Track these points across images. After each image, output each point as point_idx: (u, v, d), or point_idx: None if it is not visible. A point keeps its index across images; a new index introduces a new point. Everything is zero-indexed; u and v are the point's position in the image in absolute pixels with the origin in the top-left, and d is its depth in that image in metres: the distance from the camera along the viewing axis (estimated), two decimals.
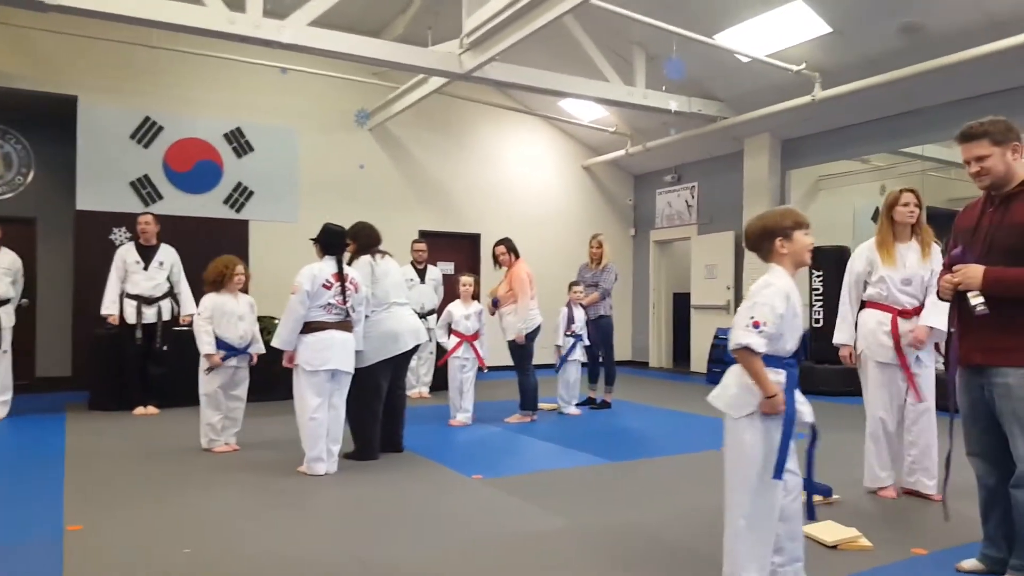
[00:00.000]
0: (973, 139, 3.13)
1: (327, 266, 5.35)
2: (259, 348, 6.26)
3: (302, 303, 5.18)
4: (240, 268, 6.20)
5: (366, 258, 5.80)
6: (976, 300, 3.01)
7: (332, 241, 5.49)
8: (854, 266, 4.74)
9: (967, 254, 3.13)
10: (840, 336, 4.74)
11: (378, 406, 5.72)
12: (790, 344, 2.98)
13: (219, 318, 6.01)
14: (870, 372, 4.65)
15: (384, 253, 5.96)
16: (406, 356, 5.93)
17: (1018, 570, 3.09)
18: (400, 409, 6.01)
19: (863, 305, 4.71)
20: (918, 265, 4.52)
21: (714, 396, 3.06)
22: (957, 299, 3.15)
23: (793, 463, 2.97)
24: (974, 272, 3.03)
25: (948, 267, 3.24)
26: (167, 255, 8.14)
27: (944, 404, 4.53)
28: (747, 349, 2.86)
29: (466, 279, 7.65)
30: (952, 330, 3.25)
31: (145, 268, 7.98)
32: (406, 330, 5.80)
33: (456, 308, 7.52)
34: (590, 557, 3.58)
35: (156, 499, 4.58)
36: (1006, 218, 3.08)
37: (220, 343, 5.99)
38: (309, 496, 4.71)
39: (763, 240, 3.06)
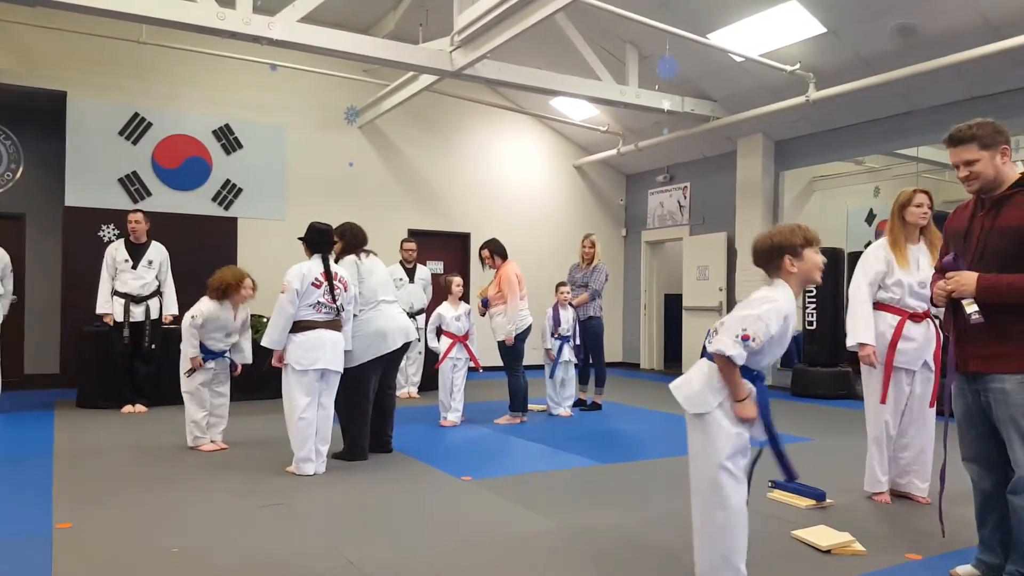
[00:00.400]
0: (961, 143, 3.08)
1: (315, 265, 5.31)
2: (243, 358, 6.18)
3: (291, 302, 5.14)
4: (249, 282, 6.02)
5: (351, 257, 5.77)
6: (971, 308, 2.98)
7: (319, 239, 5.46)
8: (873, 265, 4.51)
9: (959, 261, 3.09)
10: (863, 335, 4.44)
11: (368, 406, 5.68)
12: (765, 362, 2.96)
13: (209, 330, 5.93)
14: (877, 376, 4.52)
15: (369, 252, 5.92)
16: (397, 355, 5.89)
17: None
18: (389, 409, 5.97)
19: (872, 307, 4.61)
20: (930, 267, 4.37)
21: (676, 387, 3.04)
22: (952, 306, 3.11)
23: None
24: (967, 279, 3.00)
25: (940, 271, 3.20)
26: (156, 253, 8.09)
27: (940, 410, 4.51)
28: (729, 359, 2.83)
29: (458, 279, 7.62)
30: (948, 335, 3.21)
31: (134, 267, 7.94)
32: (395, 328, 5.75)
33: (446, 310, 7.48)
34: (578, 559, 3.54)
35: (145, 498, 4.55)
36: (997, 222, 3.04)
37: (201, 346, 5.94)
38: (298, 496, 4.66)
39: (772, 257, 2.99)
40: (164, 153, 10.14)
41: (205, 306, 5.91)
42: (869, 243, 12.94)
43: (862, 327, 4.45)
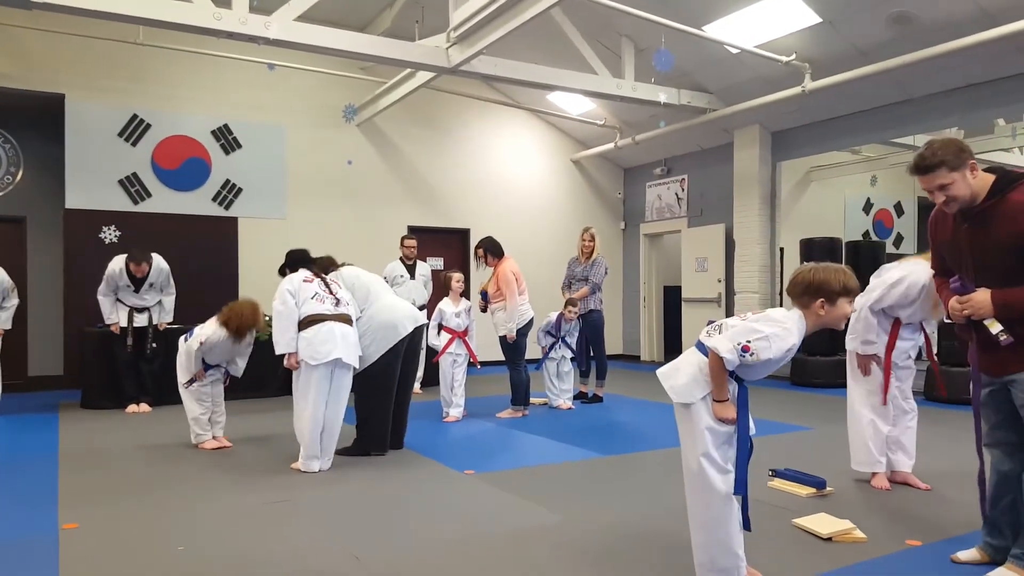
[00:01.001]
0: (930, 171, 3.04)
1: (303, 272, 5.48)
2: (235, 371, 6.22)
3: (285, 302, 5.25)
4: (264, 320, 6.02)
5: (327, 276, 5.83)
6: (996, 329, 2.95)
7: (300, 256, 5.71)
8: (900, 301, 4.47)
9: (965, 283, 3.06)
10: (875, 348, 4.56)
11: (389, 401, 5.75)
12: (751, 377, 2.97)
13: (214, 354, 5.97)
14: (876, 370, 4.65)
15: (343, 264, 6.03)
16: (414, 345, 5.93)
17: (1019, 559, 3.10)
18: (404, 407, 6.00)
19: None
20: None
21: (663, 375, 3.05)
22: (972, 325, 3.09)
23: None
24: (982, 301, 2.97)
25: (938, 273, 3.21)
26: (156, 274, 8.16)
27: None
28: (721, 358, 2.85)
29: (459, 275, 7.64)
30: (968, 344, 3.21)
31: (136, 291, 8.07)
32: (402, 316, 5.80)
33: (446, 306, 7.50)
34: (583, 551, 3.57)
35: (151, 496, 4.58)
36: (988, 236, 3.00)
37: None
38: (303, 492, 4.69)
39: (805, 293, 2.96)
40: (163, 154, 10.16)
41: (215, 335, 5.87)
42: (867, 232, 13.04)
43: (873, 339, 4.55)
